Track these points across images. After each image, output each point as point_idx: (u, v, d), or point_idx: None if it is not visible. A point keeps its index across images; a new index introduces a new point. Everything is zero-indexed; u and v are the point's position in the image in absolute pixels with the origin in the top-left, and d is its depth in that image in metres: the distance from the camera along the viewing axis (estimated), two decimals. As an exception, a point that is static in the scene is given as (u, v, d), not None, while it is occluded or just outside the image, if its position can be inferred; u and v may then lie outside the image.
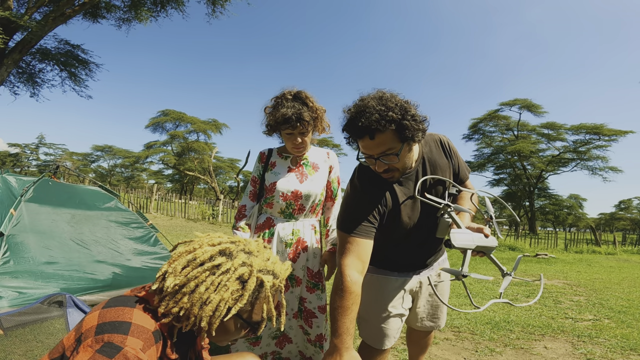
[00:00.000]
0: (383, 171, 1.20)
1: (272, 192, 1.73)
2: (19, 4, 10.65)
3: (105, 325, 0.68)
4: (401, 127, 1.10)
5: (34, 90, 12.44)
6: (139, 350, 0.67)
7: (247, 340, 1.70)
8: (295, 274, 1.73)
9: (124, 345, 0.65)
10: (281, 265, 0.91)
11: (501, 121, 28.67)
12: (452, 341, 2.76)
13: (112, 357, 0.64)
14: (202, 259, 0.80)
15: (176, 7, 12.03)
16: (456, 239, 1.15)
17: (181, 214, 13.11)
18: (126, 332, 0.68)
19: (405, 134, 1.11)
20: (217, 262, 0.80)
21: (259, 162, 1.82)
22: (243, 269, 0.81)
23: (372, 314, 1.44)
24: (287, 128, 1.64)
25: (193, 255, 0.80)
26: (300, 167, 1.78)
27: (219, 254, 0.82)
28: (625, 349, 2.70)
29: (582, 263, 8.98)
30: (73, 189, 3.59)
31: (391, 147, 1.14)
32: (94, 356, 0.64)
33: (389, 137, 1.11)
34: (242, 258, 0.82)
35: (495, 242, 1.24)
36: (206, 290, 0.77)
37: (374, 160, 1.17)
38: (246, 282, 0.81)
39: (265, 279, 0.82)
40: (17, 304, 2.40)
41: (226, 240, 0.87)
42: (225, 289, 0.78)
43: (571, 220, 38.74)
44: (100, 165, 43.05)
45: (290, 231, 1.73)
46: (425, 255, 1.47)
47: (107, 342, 0.65)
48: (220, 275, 0.79)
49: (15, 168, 35.32)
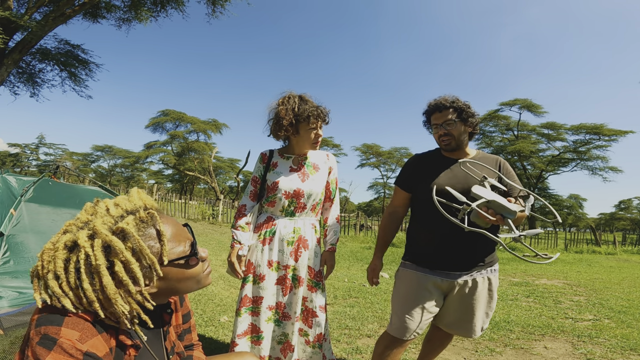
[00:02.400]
0: (444, 134, 1.61)
1: (274, 191, 1.76)
2: (19, 4, 10.64)
3: (42, 318, 0.68)
4: (459, 109, 1.61)
5: (34, 90, 12.42)
6: (75, 340, 0.65)
7: (249, 339, 1.71)
8: (298, 274, 1.73)
9: (59, 337, 0.64)
10: (133, 198, 0.81)
11: (501, 121, 28.65)
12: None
13: (50, 348, 0.63)
14: (59, 271, 0.69)
15: (176, 7, 12.01)
16: (477, 190, 1.27)
17: (181, 214, 13.11)
18: (60, 324, 0.66)
19: (462, 115, 1.60)
20: (72, 261, 0.69)
21: (261, 162, 1.85)
22: (95, 242, 0.70)
23: (401, 305, 1.62)
24: (312, 123, 1.72)
25: (53, 272, 0.70)
26: (301, 167, 1.82)
27: (66, 249, 0.71)
28: (625, 349, 2.70)
29: (582, 263, 8.98)
30: (73, 189, 3.59)
31: (451, 119, 1.60)
32: (36, 348, 0.64)
33: (450, 112, 1.60)
34: (84, 234, 0.71)
35: (517, 209, 1.25)
36: (93, 289, 0.68)
37: (439, 128, 1.63)
38: (110, 247, 0.70)
39: (123, 226, 0.72)
40: (17, 304, 2.40)
41: (60, 232, 0.76)
42: (102, 274, 0.68)
43: (571, 220, 38.73)
44: (100, 165, 43.06)
45: (292, 229, 1.75)
46: (463, 253, 1.56)
47: (44, 334, 0.65)
48: (87, 266, 0.68)
49: (15, 168, 35.33)
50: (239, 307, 1.73)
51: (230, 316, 3.09)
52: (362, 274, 5.83)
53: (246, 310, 1.73)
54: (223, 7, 12.07)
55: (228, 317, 3.06)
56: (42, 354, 0.63)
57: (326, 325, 1.77)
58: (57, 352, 0.64)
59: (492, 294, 1.65)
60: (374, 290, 4.53)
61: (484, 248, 1.60)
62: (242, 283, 1.78)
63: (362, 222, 14.78)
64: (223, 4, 11.98)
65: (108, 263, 0.70)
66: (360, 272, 6.02)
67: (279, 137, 1.80)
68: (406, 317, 1.58)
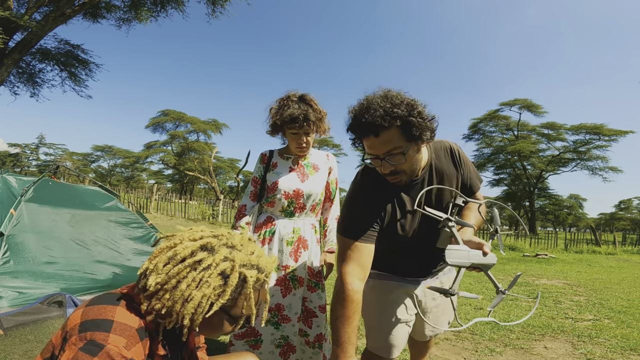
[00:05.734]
0: (390, 173, 1.13)
1: (273, 191, 1.76)
2: (19, 4, 10.65)
3: (88, 323, 0.68)
4: (407, 124, 1.04)
5: (34, 90, 12.43)
6: (122, 347, 0.66)
7: (246, 342, 1.69)
8: (298, 274, 1.72)
9: (107, 343, 0.65)
10: (266, 259, 0.88)
11: (501, 121, 28.68)
12: (452, 341, 2.76)
13: (95, 355, 0.64)
14: (183, 254, 0.77)
15: (176, 7, 12.02)
16: (451, 256, 1.10)
17: (181, 214, 13.11)
18: (108, 330, 0.67)
19: (412, 132, 1.05)
20: (198, 257, 0.78)
21: (260, 163, 1.85)
22: (225, 264, 0.78)
23: (378, 322, 1.39)
24: (293, 128, 1.68)
25: (174, 251, 0.78)
26: (301, 167, 1.82)
27: (200, 249, 0.80)
28: (625, 349, 2.70)
29: (582, 263, 8.98)
30: (73, 189, 3.59)
31: (397, 146, 1.07)
32: (77, 354, 0.63)
33: (394, 135, 1.05)
34: (224, 253, 0.80)
35: (494, 260, 1.18)
36: (187, 287, 0.75)
37: (379, 162, 1.11)
38: (228, 278, 0.78)
39: (248, 273, 0.80)
40: (17, 304, 2.40)
41: (208, 235, 0.85)
42: (207, 285, 0.75)
43: (571, 220, 38.75)
44: (100, 165, 43.10)
45: (291, 229, 1.75)
46: (428, 265, 1.42)
47: (89, 340, 0.65)
48: (202, 271, 0.76)
49: (15, 168, 35.31)
50: None
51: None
52: (362, 274, 5.83)
53: None
54: (223, 7, 12.08)
55: (228, 317, 3.05)
56: (82, 359, 0.63)
57: (326, 325, 1.77)
58: (102, 357, 0.64)
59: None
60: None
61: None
62: None
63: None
64: (223, 4, 11.99)
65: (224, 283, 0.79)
66: (360, 272, 6.02)
67: (272, 135, 1.81)
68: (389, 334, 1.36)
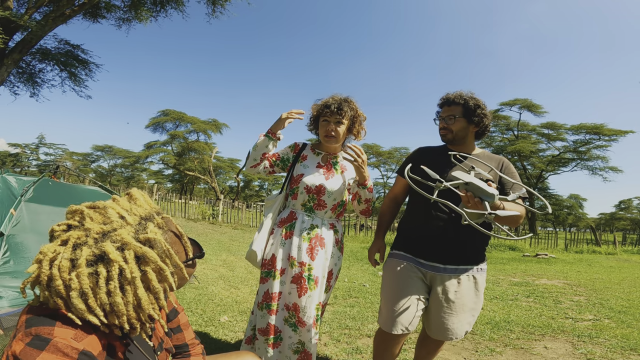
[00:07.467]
0: (442, 127, 1.69)
1: (297, 183, 1.79)
2: (19, 4, 10.63)
3: (33, 318, 0.66)
4: (467, 108, 1.63)
5: (34, 90, 12.40)
6: (70, 339, 0.64)
7: (266, 341, 1.68)
8: (314, 274, 1.70)
9: (52, 336, 0.63)
10: (138, 202, 0.79)
11: (501, 121, 28.63)
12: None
13: (42, 349, 0.62)
14: (86, 289, 0.66)
15: (176, 7, 12.01)
16: (456, 172, 1.29)
17: (181, 214, 13.10)
18: (52, 323, 0.65)
19: (468, 113, 1.63)
20: (102, 276, 0.67)
21: (292, 150, 1.90)
22: (127, 255, 0.68)
23: (389, 296, 1.61)
24: (325, 115, 1.75)
25: (79, 290, 0.66)
26: (329, 165, 1.85)
27: (90, 265, 0.67)
28: (625, 349, 2.70)
29: (582, 263, 8.98)
30: (73, 189, 3.59)
31: (453, 115, 1.65)
32: (25, 349, 0.61)
33: (457, 109, 1.65)
34: (112, 247, 0.68)
35: (495, 192, 1.23)
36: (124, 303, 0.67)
37: (442, 120, 1.69)
38: (141, 259, 0.70)
39: (151, 236, 0.71)
40: (17, 304, 2.40)
41: (57, 243, 0.70)
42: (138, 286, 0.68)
43: (571, 220, 38.71)
44: (100, 165, 43.01)
45: (309, 225, 1.76)
46: (452, 245, 1.56)
47: (35, 335, 0.63)
48: (119, 281, 0.67)
49: (15, 168, 35.30)
50: (261, 302, 1.71)
51: (231, 316, 3.09)
52: (362, 274, 5.83)
53: (267, 307, 1.70)
54: (223, 6, 12.06)
55: (228, 317, 3.05)
56: (31, 354, 0.61)
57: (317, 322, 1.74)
58: (50, 351, 0.62)
59: (478, 293, 1.62)
60: (374, 290, 4.52)
61: (473, 244, 1.60)
62: (264, 277, 1.76)
63: (362, 222, 14.79)
64: (223, 3, 11.97)
65: (141, 274, 0.70)
66: (360, 272, 6.02)
67: (311, 130, 1.89)
68: (393, 307, 1.57)
